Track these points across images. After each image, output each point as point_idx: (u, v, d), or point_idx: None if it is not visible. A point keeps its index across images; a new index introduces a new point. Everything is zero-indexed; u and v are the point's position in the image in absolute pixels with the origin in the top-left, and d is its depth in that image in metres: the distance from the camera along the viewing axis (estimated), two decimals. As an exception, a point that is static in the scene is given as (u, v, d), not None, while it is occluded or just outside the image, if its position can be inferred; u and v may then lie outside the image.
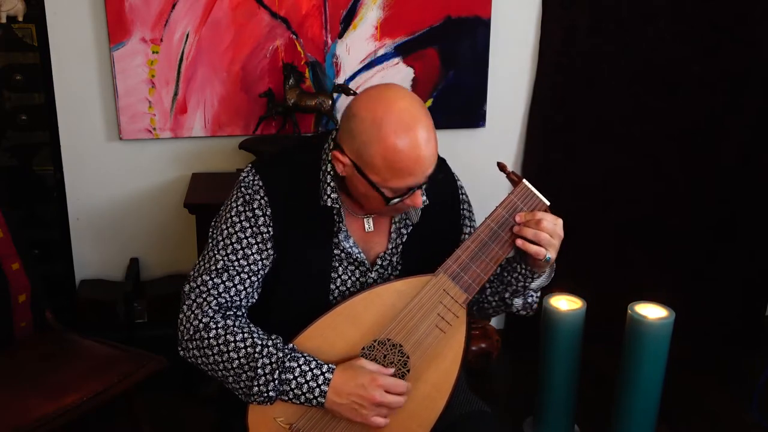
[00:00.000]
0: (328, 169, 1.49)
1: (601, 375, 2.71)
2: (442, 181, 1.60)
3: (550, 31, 2.75)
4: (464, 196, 1.66)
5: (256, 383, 1.41)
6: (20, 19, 2.46)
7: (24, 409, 1.86)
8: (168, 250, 2.79)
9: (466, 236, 1.64)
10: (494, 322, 3.04)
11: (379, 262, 1.55)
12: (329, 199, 1.49)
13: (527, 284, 1.54)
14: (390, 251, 1.56)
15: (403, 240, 1.56)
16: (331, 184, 1.49)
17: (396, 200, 1.43)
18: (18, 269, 2.14)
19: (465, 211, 1.65)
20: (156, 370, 2.09)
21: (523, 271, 1.52)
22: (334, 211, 1.50)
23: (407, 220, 1.56)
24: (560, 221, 1.48)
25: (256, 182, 1.50)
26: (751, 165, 2.93)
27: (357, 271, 1.54)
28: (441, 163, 1.63)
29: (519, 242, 1.46)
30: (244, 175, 1.52)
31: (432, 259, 1.51)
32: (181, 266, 2.79)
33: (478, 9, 2.69)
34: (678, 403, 2.63)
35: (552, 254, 1.46)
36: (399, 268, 1.57)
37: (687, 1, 2.75)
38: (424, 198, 1.53)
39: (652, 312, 2.27)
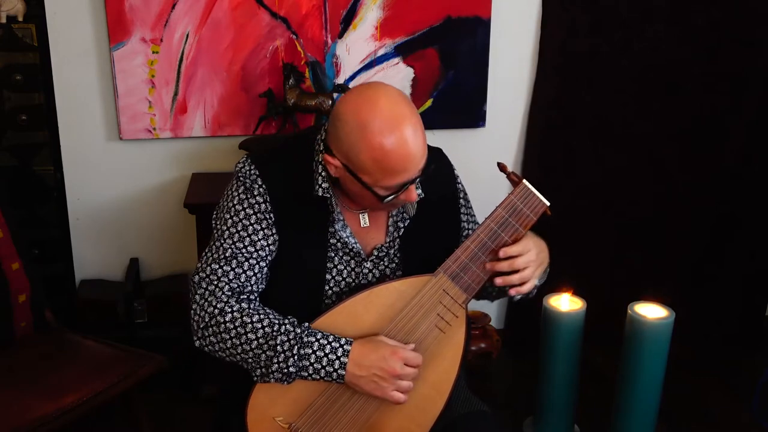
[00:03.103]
0: (320, 160, 1.50)
1: (601, 375, 2.71)
2: (439, 173, 1.60)
3: (550, 31, 2.75)
4: (461, 186, 1.67)
5: (276, 360, 1.41)
6: (20, 19, 2.46)
7: (24, 409, 1.86)
8: (168, 250, 2.79)
9: (464, 228, 1.65)
10: (494, 322, 3.04)
11: (376, 253, 1.56)
12: (320, 189, 1.50)
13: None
14: (388, 244, 1.56)
15: (400, 233, 1.57)
16: (323, 174, 1.50)
17: (390, 197, 1.43)
18: (18, 269, 2.14)
19: (462, 201, 1.66)
20: (156, 370, 2.09)
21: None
22: (328, 201, 1.51)
23: (405, 213, 1.57)
24: (531, 247, 1.48)
25: (253, 171, 1.51)
26: (751, 165, 2.93)
27: (352, 261, 1.55)
28: (437, 153, 1.63)
29: (499, 281, 1.47)
30: (240, 166, 1.53)
31: (430, 251, 1.52)
32: (181, 266, 2.79)
33: (478, 9, 2.69)
34: (678, 403, 2.63)
35: (533, 283, 1.49)
36: (396, 261, 1.57)
37: (687, 1, 2.74)
38: (419, 191, 1.54)
39: (652, 312, 2.27)
